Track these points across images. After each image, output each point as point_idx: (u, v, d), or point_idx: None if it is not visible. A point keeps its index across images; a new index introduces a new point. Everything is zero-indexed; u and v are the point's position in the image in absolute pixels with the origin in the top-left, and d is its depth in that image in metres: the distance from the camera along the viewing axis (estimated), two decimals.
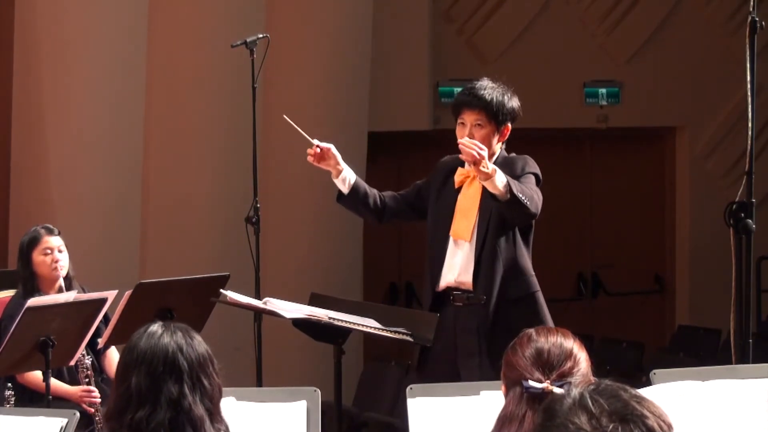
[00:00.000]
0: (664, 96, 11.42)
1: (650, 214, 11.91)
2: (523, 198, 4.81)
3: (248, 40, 6.12)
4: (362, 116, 9.41)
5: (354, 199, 5.22)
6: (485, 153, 4.71)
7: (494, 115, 5.05)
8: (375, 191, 5.28)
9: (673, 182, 11.91)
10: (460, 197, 5.13)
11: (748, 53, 4.97)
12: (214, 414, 2.90)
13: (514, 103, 5.12)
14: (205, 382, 2.89)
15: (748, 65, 4.98)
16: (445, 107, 10.69)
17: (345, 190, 5.20)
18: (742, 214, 4.99)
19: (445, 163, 5.27)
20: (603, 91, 11.33)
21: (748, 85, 5.00)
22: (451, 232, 5.11)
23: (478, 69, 10.79)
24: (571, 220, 11.54)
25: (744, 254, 5.02)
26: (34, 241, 5.77)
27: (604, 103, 11.34)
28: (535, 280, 5.10)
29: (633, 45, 11.34)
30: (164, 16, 8.30)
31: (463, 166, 5.12)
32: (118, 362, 2.94)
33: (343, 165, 5.17)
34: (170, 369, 2.85)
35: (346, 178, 5.19)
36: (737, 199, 5.04)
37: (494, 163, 4.95)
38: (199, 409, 2.86)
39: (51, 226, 5.85)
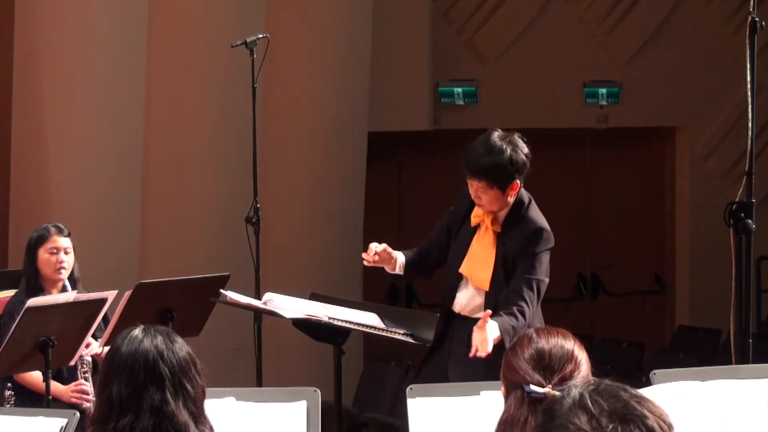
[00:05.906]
0: (664, 96, 11.41)
1: (650, 214, 11.91)
2: (512, 339, 4.96)
3: (248, 40, 6.12)
4: (362, 116, 9.40)
5: (409, 275, 5.27)
6: (487, 345, 4.64)
7: (496, 180, 4.96)
8: (415, 252, 5.24)
9: (673, 182, 11.91)
10: (475, 241, 5.11)
11: (748, 53, 4.97)
12: (198, 417, 2.90)
13: (519, 156, 4.97)
14: (188, 386, 2.89)
15: (748, 65, 4.98)
16: (445, 107, 10.71)
17: (400, 272, 5.20)
18: (742, 214, 4.99)
19: (465, 194, 5.15)
20: (603, 91, 11.32)
21: (748, 85, 5.00)
22: (465, 274, 5.10)
23: (478, 69, 10.81)
24: (571, 220, 11.52)
25: (744, 254, 5.01)
26: (42, 239, 5.71)
27: (604, 103, 11.34)
28: None
29: (633, 45, 11.34)
30: (164, 16, 8.30)
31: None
32: (101, 368, 2.94)
33: (395, 254, 5.14)
34: (151, 376, 2.85)
35: (398, 264, 5.18)
36: (737, 199, 5.04)
37: (505, 217, 5.01)
38: (183, 415, 2.86)
39: (62, 226, 5.77)
